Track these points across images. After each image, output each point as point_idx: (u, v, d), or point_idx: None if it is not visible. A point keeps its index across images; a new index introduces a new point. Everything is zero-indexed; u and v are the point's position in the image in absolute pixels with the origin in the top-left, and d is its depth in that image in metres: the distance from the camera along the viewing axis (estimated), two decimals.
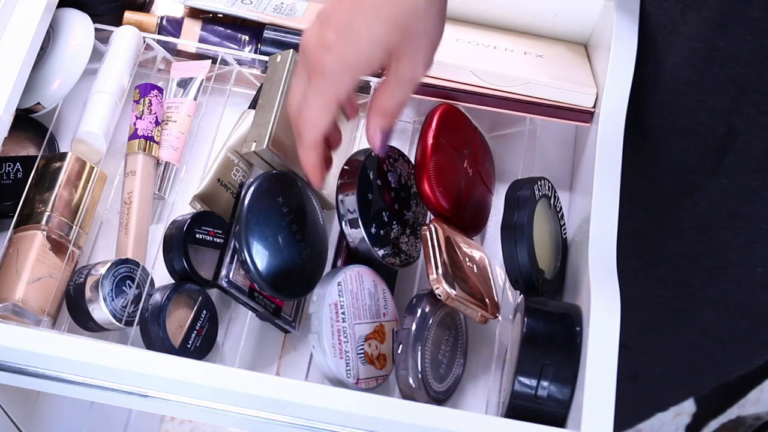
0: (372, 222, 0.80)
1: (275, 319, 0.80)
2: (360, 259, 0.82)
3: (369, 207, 0.80)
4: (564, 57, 0.93)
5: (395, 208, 0.83)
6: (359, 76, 0.67)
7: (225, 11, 0.95)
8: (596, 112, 0.85)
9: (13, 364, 0.71)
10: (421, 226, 0.85)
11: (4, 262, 0.80)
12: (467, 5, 0.95)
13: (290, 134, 0.83)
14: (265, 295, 0.78)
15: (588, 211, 0.79)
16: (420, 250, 0.85)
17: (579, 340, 0.73)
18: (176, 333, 0.80)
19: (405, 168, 0.86)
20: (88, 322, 0.80)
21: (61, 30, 0.88)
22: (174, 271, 0.82)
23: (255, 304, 0.78)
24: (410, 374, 0.76)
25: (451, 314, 0.81)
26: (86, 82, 0.89)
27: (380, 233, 0.81)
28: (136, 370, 0.70)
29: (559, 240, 0.85)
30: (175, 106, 0.91)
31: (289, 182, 0.82)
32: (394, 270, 0.86)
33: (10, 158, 0.85)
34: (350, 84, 0.68)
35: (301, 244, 0.80)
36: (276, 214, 0.79)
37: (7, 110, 0.79)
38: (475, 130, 0.90)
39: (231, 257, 0.77)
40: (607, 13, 0.89)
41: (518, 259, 0.79)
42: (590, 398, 0.69)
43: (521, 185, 0.82)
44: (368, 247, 0.80)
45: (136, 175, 0.86)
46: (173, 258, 0.82)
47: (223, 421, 0.73)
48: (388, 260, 0.82)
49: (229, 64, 0.94)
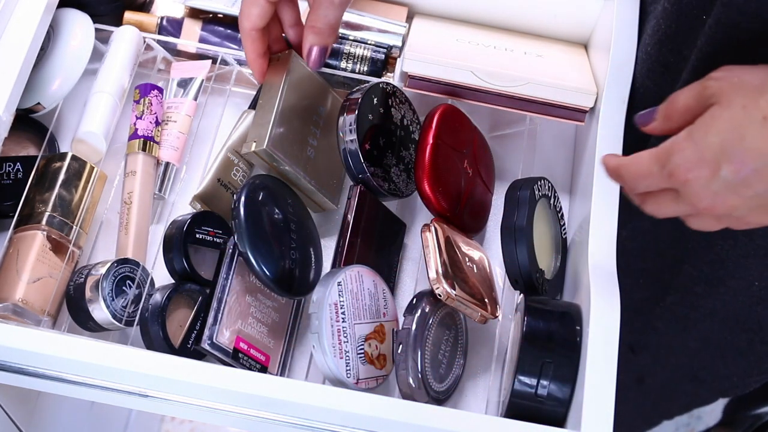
0: (367, 138, 0.83)
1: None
2: (351, 176, 0.84)
3: (367, 124, 0.83)
4: (564, 57, 0.93)
5: (392, 140, 0.85)
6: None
7: (225, 11, 0.95)
8: (596, 112, 0.85)
9: (13, 364, 0.71)
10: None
11: (4, 262, 0.80)
12: (467, 5, 0.95)
13: (290, 134, 0.83)
14: (250, 355, 0.78)
15: (588, 211, 0.79)
16: (411, 190, 0.86)
17: (579, 339, 0.73)
18: (176, 333, 0.80)
19: (410, 114, 0.88)
20: (88, 322, 0.80)
21: (61, 30, 0.88)
22: (174, 271, 0.82)
23: (239, 365, 0.77)
24: (410, 374, 0.76)
25: (451, 314, 0.81)
26: (86, 82, 0.89)
27: (373, 153, 0.83)
28: (136, 370, 0.70)
29: (559, 240, 0.85)
30: (175, 106, 0.91)
31: (278, 187, 0.82)
32: (395, 266, 0.87)
33: (11, 158, 0.85)
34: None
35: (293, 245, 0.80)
36: (269, 218, 0.79)
37: (8, 110, 0.79)
38: (475, 130, 0.90)
39: (214, 318, 0.76)
40: (607, 13, 0.89)
41: (518, 259, 0.79)
42: (590, 398, 0.69)
43: (521, 185, 0.82)
44: (359, 158, 0.82)
45: (136, 175, 0.86)
46: (173, 258, 0.82)
47: (223, 421, 0.73)
48: (377, 180, 0.83)
49: (229, 64, 0.94)
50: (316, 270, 0.83)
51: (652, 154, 0.65)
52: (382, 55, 0.93)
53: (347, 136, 0.83)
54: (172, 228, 0.83)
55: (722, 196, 0.62)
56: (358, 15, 0.95)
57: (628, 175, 0.67)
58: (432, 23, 0.95)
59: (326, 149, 0.86)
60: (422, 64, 0.86)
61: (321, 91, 0.88)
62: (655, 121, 0.67)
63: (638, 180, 0.66)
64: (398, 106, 0.87)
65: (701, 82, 0.64)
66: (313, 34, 0.79)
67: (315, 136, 0.86)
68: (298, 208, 0.84)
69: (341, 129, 0.83)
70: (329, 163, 0.87)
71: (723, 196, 0.62)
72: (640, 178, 0.66)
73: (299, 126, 0.84)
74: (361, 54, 0.93)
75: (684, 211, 0.66)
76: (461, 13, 0.96)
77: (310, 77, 0.86)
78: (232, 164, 0.88)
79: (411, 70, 0.86)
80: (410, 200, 0.90)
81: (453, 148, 0.86)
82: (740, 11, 0.67)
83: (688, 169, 0.62)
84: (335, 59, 0.92)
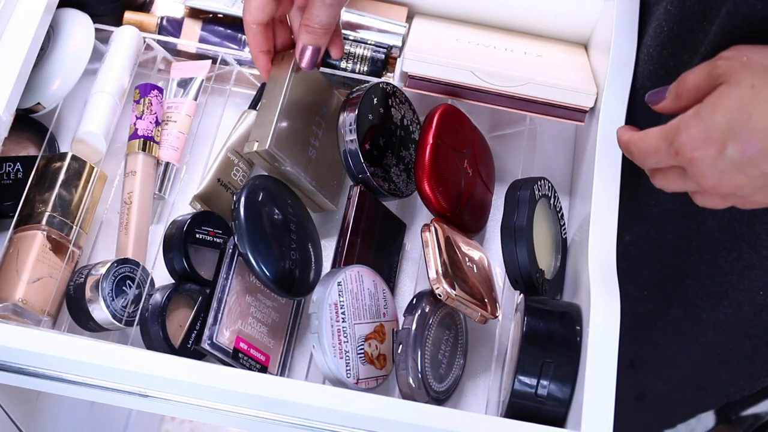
0: (367, 138, 0.83)
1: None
2: (351, 176, 0.84)
3: (367, 124, 0.84)
4: (564, 57, 0.93)
5: (392, 140, 0.85)
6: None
7: (225, 11, 0.95)
8: (596, 112, 0.85)
9: (13, 364, 0.71)
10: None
11: (4, 262, 0.80)
12: (467, 5, 0.95)
13: (293, 134, 0.83)
14: (250, 355, 0.78)
15: (588, 211, 0.79)
16: (411, 190, 0.86)
17: (579, 339, 0.73)
18: (176, 333, 0.80)
19: (410, 114, 0.88)
20: (88, 322, 0.80)
21: (61, 30, 0.88)
22: (174, 271, 0.82)
23: (239, 365, 0.77)
24: (410, 374, 0.76)
25: (451, 314, 0.81)
26: (86, 82, 0.89)
27: (373, 153, 0.83)
28: (136, 370, 0.70)
29: (559, 240, 0.85)
30: (175, 106, 0.91)
31: (278, 188, 0.83)
32: (395, 266, 0.87)
33: (11, 158, 0.85)
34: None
35: (293, 245, 0.80)
36: (269, 219, 0.79)
37: (8, 110, 0.79)
38: (475, 130, 0.90)
39: (214, 318, 0.76)
40: (607, 13, 0.89)
41: (518, 259, 0.79)
42: (590, 398, 0.69)
43: (521, 185, 0.82)
44: (359, 158, 0.82)
45: (136, 175, 0.86)
46: (173, 258, 0.82)
47: (223, 421, 0.73)
48: (377, 180, 0.83)
49: (229, 64, 0.94)
50: (316, 270, 0.83)
51: (660, 131, 0.65)
52: (382, 55, 0.93)
53: (347, 136, 0.83)
54: (172, 228, 0.83)
55: (728, 175, 0.62)
56: (358, 15, 0.95)
57: (637, 152, 0.67)
58: (432, 23, 0.95)
59: (328, 150, 0.86)
60: (422, 64, 0.86)
61: (324, 92, 0.88)
62: (665, 100, 0.68)
63: (647, 156, 0.67)
64: (398, 106, 0.87)
65: (711, 61, 0.64)
66: (305, 34, 0.79)
67: (317, 137, 0.86)
68: (298, 208, 0.84)
69: (341, 129, 0.83)
70: (330, 164, 0.87)
71: (729, 175, 0.62)
72: (648, 155, 0.66)
73: (301, 126, 0.84)
74: (361, 54, 0.93)
75: (690, 188, 0.66)
76: (461, 13, 0.96)
77: (313, 77, 0.86)
78: (232, 164, 0.88)
79: (411, 70, 0.86)
80: (410, 200, 0.90)
81: (453, 148, 0.86)
82: (746, 19, 0.67)
83: (694, 147, 0.62)
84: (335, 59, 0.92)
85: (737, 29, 0.68)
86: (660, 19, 0.80)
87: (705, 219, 0.82)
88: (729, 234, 0.81)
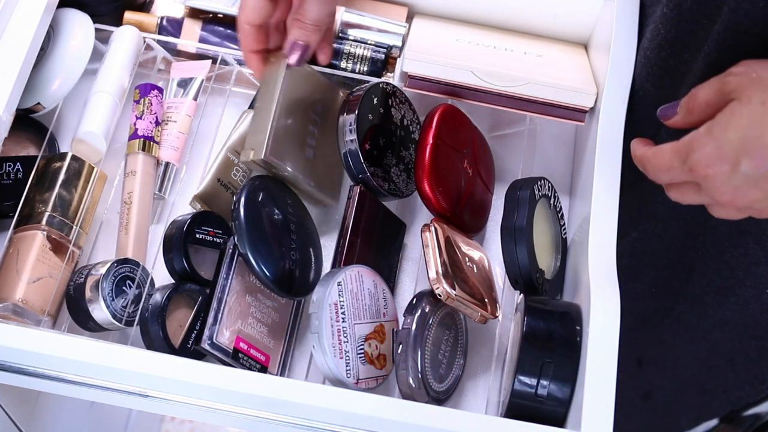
0: (367, 138, 0.83)
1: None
2: (351, 176, 0.84)
3: (367, 124, 0.84)
4: (564, 57, 0.93)
5: (392, 140, 0.85)
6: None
7: (225, 11, 0.95)
8: (596, 112, 0.85)
9: (13, 364, 0.71)
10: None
11: (4, 262, 0.80)
12: (467, 5, 0.95)
13: (289, 138, 0.83)
14: (250, 355, 0.78)
15: (588, 211, 0.79)
16: (411, 190, 0.86)
17: (579, 338, 0.73)
18: (176, 333, 0.80)
19: (410, 114, 0.88)
20: (88, 322, 0.80)
21: (61, 30, 0.88)
22: (174, 271, 0.82)
23: (239, 365, 0.77)
24: (410, 374, 0.76)
25: (451, 314, 0.81)
26: (86, 82, 0.89)
27: (373, 153, 0.83)
28: (136, 370, 0.70)
29: (559, 240, 0.85)
30: (175, 106, 0.91)
31: (278, 188, 0.82)
32: (395, 266, 0.87)
33: (11, 158, 0.85)
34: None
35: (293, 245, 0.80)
36: (269, 219, 0.79)
37: (8, 110, 0.79)
38: (475, 130, 0.90)
39: (214, 318, 0.76)
40: (607, 14, 0.89)
41: (518, 259, 0.79)
42: (590, 398, 0.69)
43: (521, 185, 0.82)
44: (359, 158, 0.82)
45: (136, 175, 0.86)
46: (173, 258, 0.82)
47: (223, 421, 0.73)
48: (377, 180, 0.83)
49: (229, 64, 0.94)
50: (316, 270, 0.83)
51: (673, 148, 0.66)
52: (382, 55, 0.93)
53: (347, 136, 0.83)
54: (172, 228, 0.83)
55: (743, 190, 0.63)
56: (358, 15, 0.95)
57: (651, 168, 0.68)
58: (432, 23, 0.95)
59: (325, 147, 0.86)
60: (422, 64, 0.86)
61: (318, 88, 0.87)
62: (677, 116, 0.69)
63: (661, 173, 0.68)
64: (398, 106, 0.87)
65: (721, 77, 0.65)
66: (295, 29, 0.79)
67: (313, 135, 0.86)
68: (298, 208, 0.84)
69: (341, 129, 0.83)
70: (328, 161, 0.86)
71: (744, 191, 0.63)
72: (662, 172, 0.68)
73: (297, 127, 0.84)
74: (361, 54, 0.93)
75: (706, 201, 0.67)
76: (461, 13, 0.96)
77: (306, 74, 0.86)
78: (232, 164, 0.88)
79: (411, 70, 0.86)
80: (410, 200, 0.90)
81: (453, 148, 0.86)
82: (748, 16, 0.67)
83: (708, 165, 0.63)
84: (335, 59, 0.92)
85: (740, 26, 0.68)
86: (657, 22, 0.80)
87: (711, 215, 0.83)
88: (735, 229, 0.82)
